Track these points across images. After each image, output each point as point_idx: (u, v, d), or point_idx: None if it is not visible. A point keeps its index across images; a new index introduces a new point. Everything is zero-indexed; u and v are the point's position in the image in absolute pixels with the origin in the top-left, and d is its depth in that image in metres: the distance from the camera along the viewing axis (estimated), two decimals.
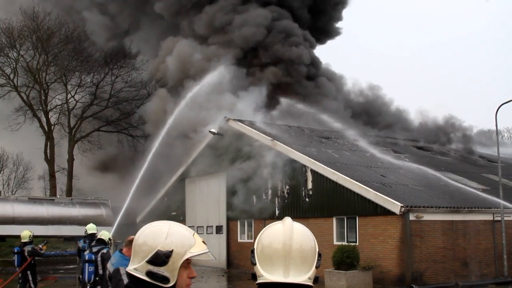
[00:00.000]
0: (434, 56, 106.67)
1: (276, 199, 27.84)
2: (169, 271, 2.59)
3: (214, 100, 30.74)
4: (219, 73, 31.41)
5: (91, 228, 16.36)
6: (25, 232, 16.51)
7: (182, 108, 30.44)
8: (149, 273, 2.58)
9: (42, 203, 31.40)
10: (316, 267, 2.59)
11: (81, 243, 17.08)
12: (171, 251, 2.58)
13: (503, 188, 21.99)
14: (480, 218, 23.35)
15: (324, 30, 43.10)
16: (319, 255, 2.61)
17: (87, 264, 12.10)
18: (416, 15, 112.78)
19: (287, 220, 2.65)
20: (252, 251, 2.62)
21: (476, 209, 23.20)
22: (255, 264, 2.59)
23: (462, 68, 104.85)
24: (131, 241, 9.32)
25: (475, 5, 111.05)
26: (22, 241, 16.24)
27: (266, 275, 2.53)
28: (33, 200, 32.05)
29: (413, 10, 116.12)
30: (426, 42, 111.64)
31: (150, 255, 2.58)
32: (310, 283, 2.56)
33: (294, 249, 2.52)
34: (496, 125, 22.48)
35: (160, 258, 2.57)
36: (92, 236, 15.49)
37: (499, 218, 22.02)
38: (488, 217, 23.55)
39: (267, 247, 2.56)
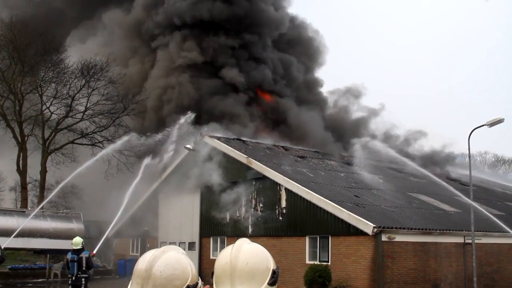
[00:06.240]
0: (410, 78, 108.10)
1: (250, 217, 27.78)
2: None
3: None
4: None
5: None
6: None
7: None
8: None
9: (12, 215, 30.90)
10: (270, 284, 2.65)
11: (69, 255, 17.72)
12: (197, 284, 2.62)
13: (474, 211, 22.24)
14: (451, 241, 23.60)
15: None
16: (274, 272, 2.68)
17: None
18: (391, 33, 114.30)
19: (238, 241, 2.78)
20: (213, 273, 2.75)
21: (448, 231, 23.45)
22: (212, 284, 2.72)
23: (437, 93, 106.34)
24: None
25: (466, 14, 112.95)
26: None
27: None
28: (3, 211, 31.53)
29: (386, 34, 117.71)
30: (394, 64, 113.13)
31: None
32: None
33: (240, 267, 2.63)
34: (469, 149, 22.77)
35: None
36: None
37: (470, 241, 22.25)
38: (459, 240, 23.80)
39: (217, 266, 2.71)
